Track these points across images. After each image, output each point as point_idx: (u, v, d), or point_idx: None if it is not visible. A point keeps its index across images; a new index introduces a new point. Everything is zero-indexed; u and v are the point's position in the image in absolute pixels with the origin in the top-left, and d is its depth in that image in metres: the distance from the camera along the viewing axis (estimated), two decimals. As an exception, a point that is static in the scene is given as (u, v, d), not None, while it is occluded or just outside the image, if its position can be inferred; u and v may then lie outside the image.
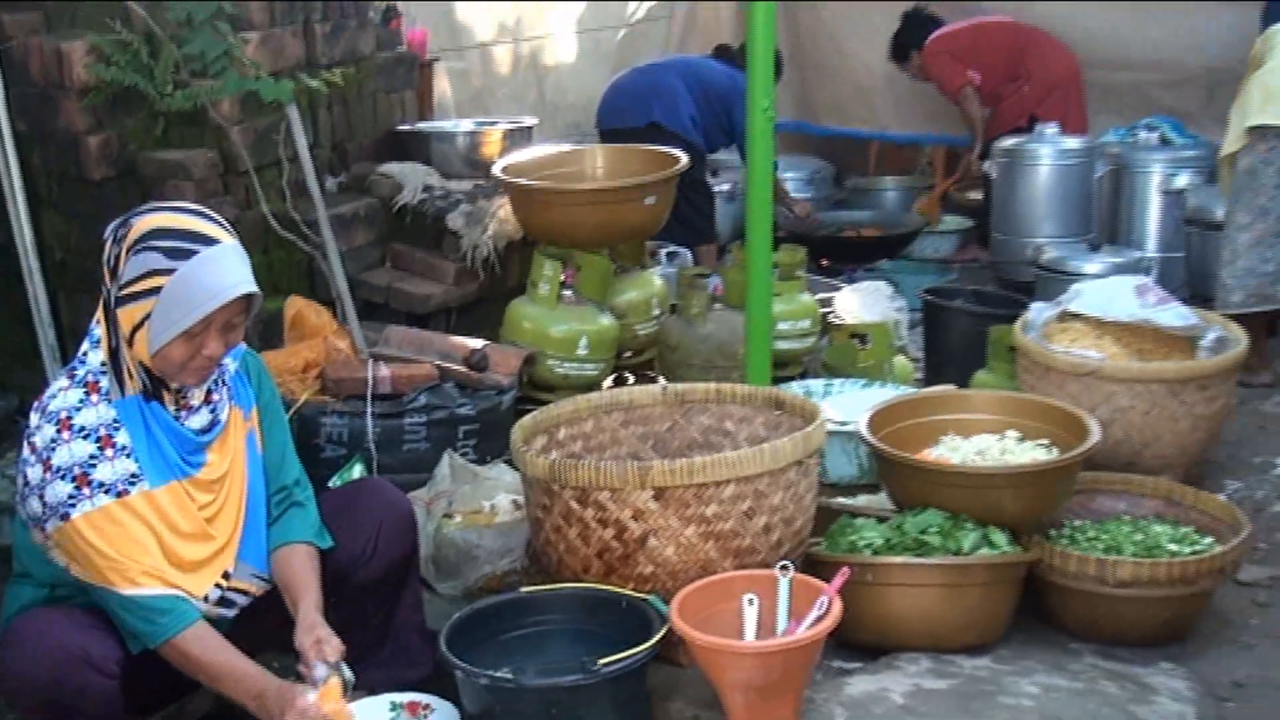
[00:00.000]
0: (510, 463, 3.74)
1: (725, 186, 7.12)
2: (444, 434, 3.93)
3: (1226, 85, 6.70)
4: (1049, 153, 6.39)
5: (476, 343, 4.18)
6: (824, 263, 6.80)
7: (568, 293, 4.40)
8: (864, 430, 3.70)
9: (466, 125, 5.23)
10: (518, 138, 5.08)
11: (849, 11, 7.77)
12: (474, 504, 3.76)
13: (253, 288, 2.65)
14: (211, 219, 2.68)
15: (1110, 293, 4.53)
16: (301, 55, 4.80)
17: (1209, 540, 3.65)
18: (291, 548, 2.91)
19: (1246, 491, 4.50)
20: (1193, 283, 6.02)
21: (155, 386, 2.68)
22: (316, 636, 2.72)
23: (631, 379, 4.72)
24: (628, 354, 4.71)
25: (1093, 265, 5.81)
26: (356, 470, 3.79)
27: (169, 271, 2.56)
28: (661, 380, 4.54)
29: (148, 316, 2.58)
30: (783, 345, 4.65)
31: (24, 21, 4.50)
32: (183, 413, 2.74)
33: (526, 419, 3.52)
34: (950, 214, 7.35)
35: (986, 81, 6.91)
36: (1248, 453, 4.80)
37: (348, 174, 4.95)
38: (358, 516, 3.05)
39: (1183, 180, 6.31)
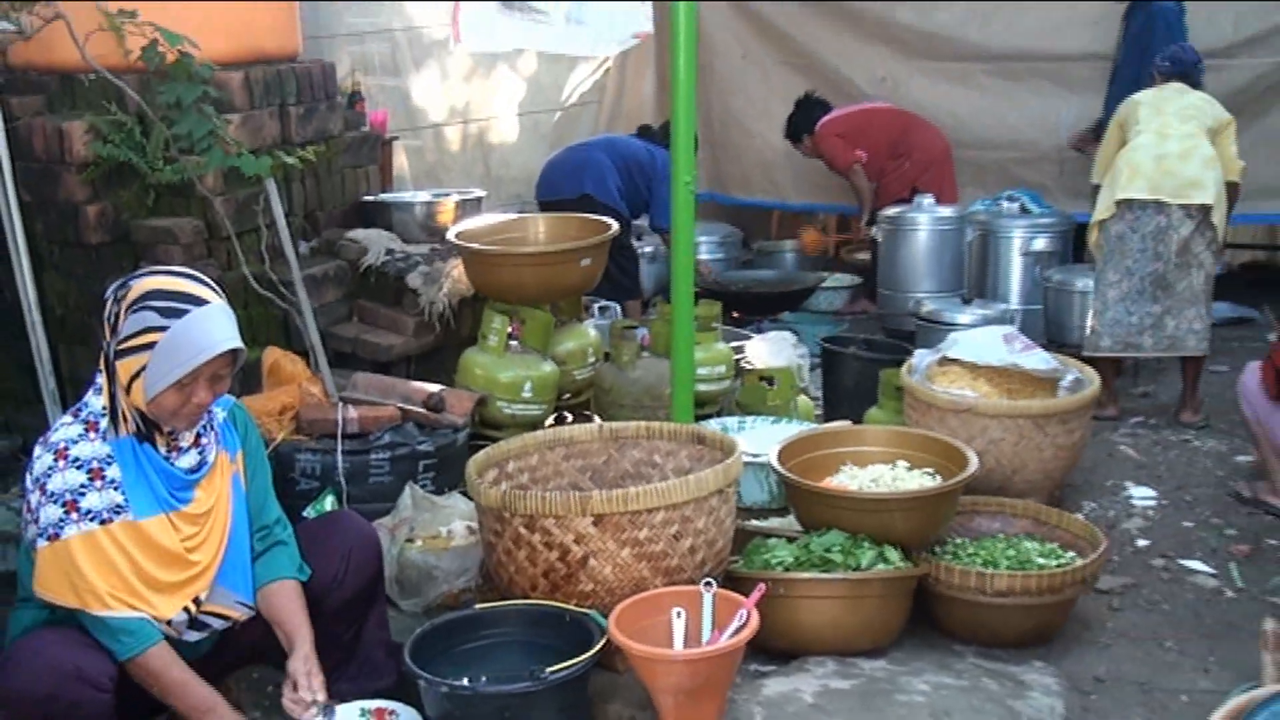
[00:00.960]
0: (465, 493, 3.70)
1: (649, 249, 7.14)
2: (406, 468, 3.87)
3: (1074, 162, 6.88)
4: (926, 220, 6.47)
5: (434, 387, 4.13)
6: (735, 315, 6.82)
7: (514, 343, 4.37)
8: (774, 462, 3.70)
9: (424, 196, 5.19)
10: (468, 207, 5.05)
11: (752, 98, 7.85)
12: (433, 530, 3.71)
13: (238, 344, 2.64)
14: (202, 281, 2.68)
15: (982, 341, 4.58)
16: (278, 134, 4.75)
17: (1071, 555, 3.68)
18: (280, 584, 2.89)
19: (1100, 511, 4.56)
20: (1049, 330, 6.10)
21: (149, 429, 2.66)
22: (309, 669, 2.75)
23: (570, 418, 4.69)
24: (567, 396, 4.69)
25: (965, 316, 5.87)
26: (328, 502, 3.72)
27: (163, 329, 2.55)
28: (597, 419, 4.51)
29: (143, 368, 2.56)
30: (702, 388, 4.64)
31: (29, 103, 4.44)
32: (173, 454, 2.71)
33: (480, 455, 3.48)
34: (841, 272, 7.41)
35: (872, 159, 7.00)
36: (1100, 476, 4.87)
37: (319, 239, 4.88)
38: (330, 547, 3.02)
39: (1040, 243, 6.42)
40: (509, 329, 4.33)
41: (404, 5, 7.78)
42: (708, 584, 3.04)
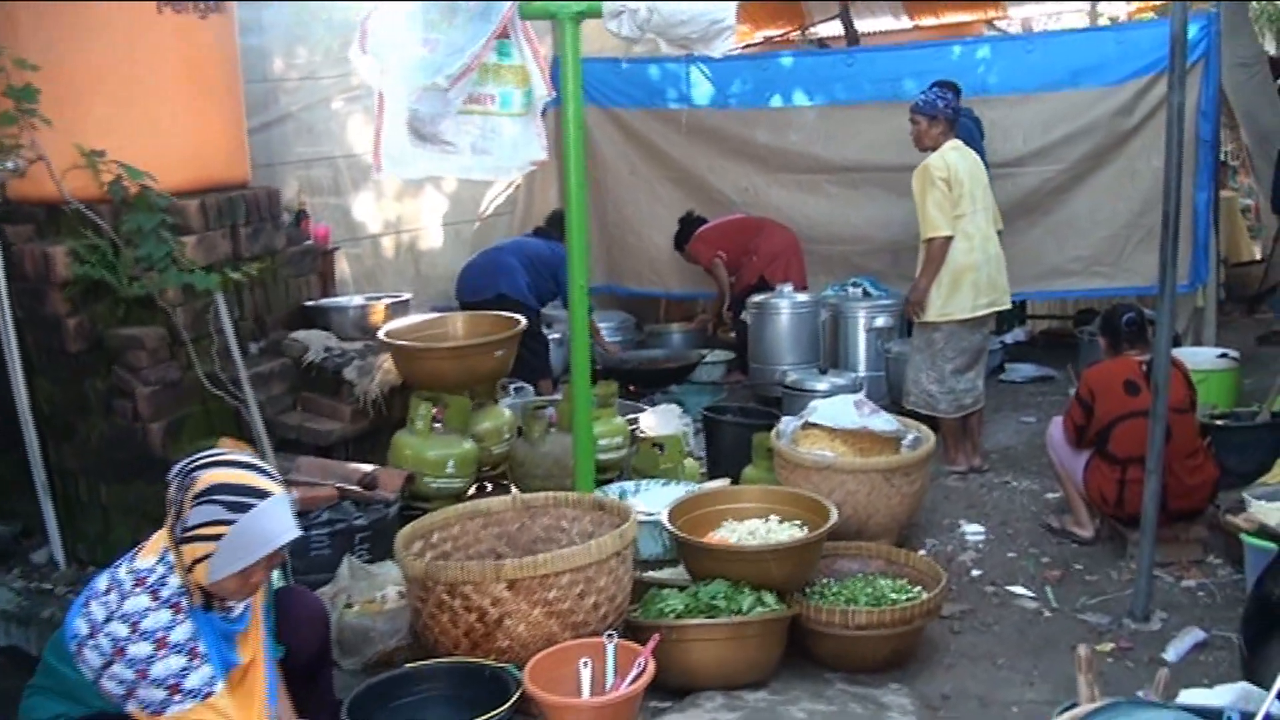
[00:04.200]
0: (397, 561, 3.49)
1: (556, 335, 6.99)
2: (343, 541, 3.66)
3: (906, 253, 6.91)
4: (786, 304, 6.45)
5: (368, 467, 3.93)
6: (632, 389, 6.72)
7: (438, 425, 4.20)
8: (665, 520, 3.57)
9: (358, 300, 4.99)
10: (396, 308, 4.86)
11: (640, 207, 7.81)
12: (369, 595, 3.50)
13: (297, 533, 2.46)
14: (263, 472, 2.48)
15: (837, 407, 4.53)
16: (229, 251, 4.55)
17: (918, 589, 3.61)
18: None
19: (940, 546, 4.51)
20: (892, 392, 6.10)
21: (207, 600, 2.45)
22: None
23: (490, 487, 4.52)
24: (487, 468, 4.51)
25: (822, 384, 5.85)
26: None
27: (230, 522, 2.35)
28: (514, 489, 4.35)
29: (209, 555, 2.36)
30: (602, 456, 4.51)
31: (22, 231, 4.27)
32: (227, 613, 2.52)
33: (407, 528, 3.30)
34: (719, 348, 7.35)
35: (731, 257, 7.00)
36: (939, 516, 4.83)
37: (267, 340, 4.66)
38: (285, 621, 2.82)
39: (880, 321, 6.44)
40: (433, 413, 4.16)
41: (344, 135, 7.66)
42: (610, 636, 2.90)
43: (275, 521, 2.40)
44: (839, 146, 7.17)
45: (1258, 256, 8.65)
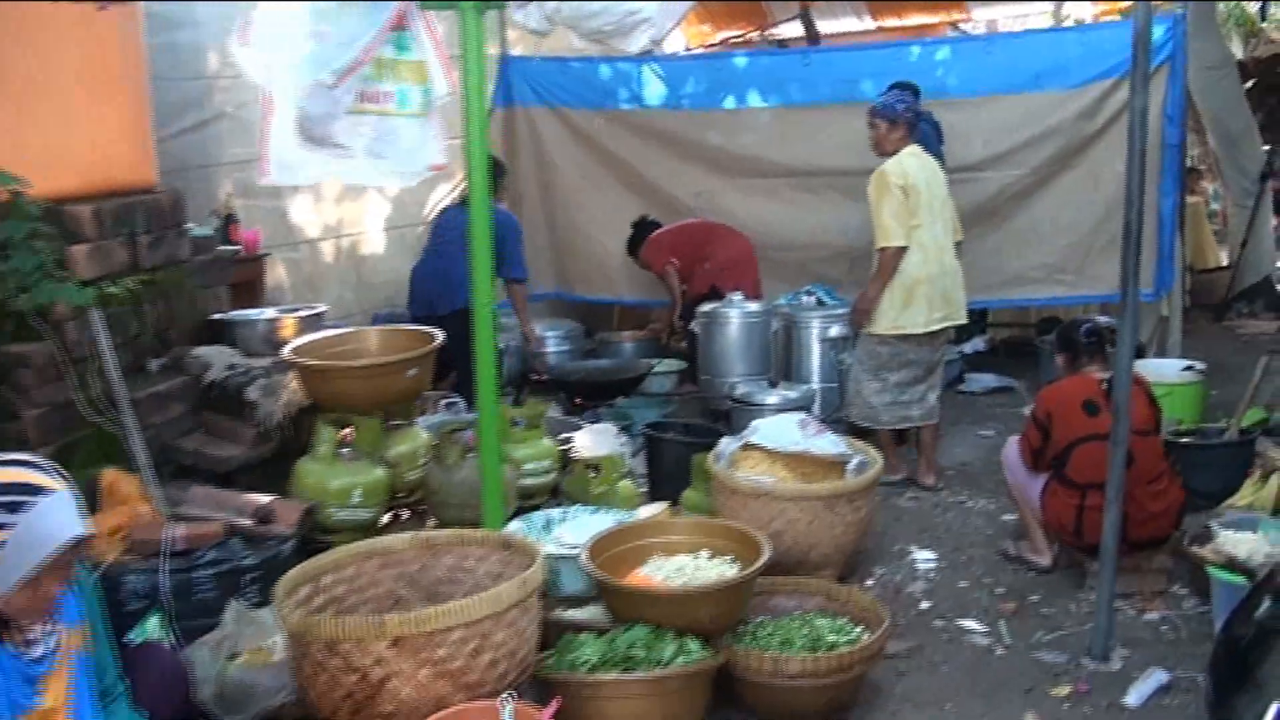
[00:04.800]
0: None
1: (501, 346, 6.59)
2: (230, 583, 3.30)
3: (862, 259, 6.65)
4: (737, 314, 6.15)
5: (265, 498, 3.57)
6: (577, 401, 6.39)
7: (345, 450, 3.85)
8: (584, 558, 3.25)
9: (269, 313, 4.62)
10: (309, 322, 4.50)
11: (592, 212, 7.47)
12: (256, 644, 3.15)
13: (81, 531, 2.14)
14: (39, 467, 2.17)
15: (779, 427, 4.24)
16: (127, 261, 4.19)
17: (860, 629, 3.32)
18: None
19: (889, 576, 4.21)
20: (846, 405, 5.80)
21: (4, 629, 2.16)
22: None
23: (406, 515, 4.17)
24: (403, 495, 4.15)
25: (772, 398, 5.57)
26: (152, 623, 3.14)
27: (7, 525, 2.06)
28: (433, 518, 4.00)
29: None
30: (529, 481, 4.20)
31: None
32: (25, 648, 2.22)
33: (292, 572, 2.96)
34: (670, 358, 7.04)
35: (684, 264, 6.70)
36: (889, 541, 4.54)
37: (169, 356, 4.30)
38: (141, 683, 2.55)
39: (834, 331, 6.14)
40: (340, 437, 3.81)
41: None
42: (507, 698, 2.57)
43: (57, 519, 2.11)
44: (795, 149, 6.88)
45: (1224, 263, 8.42)
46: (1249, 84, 8.01)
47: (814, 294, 6.36)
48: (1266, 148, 7.82)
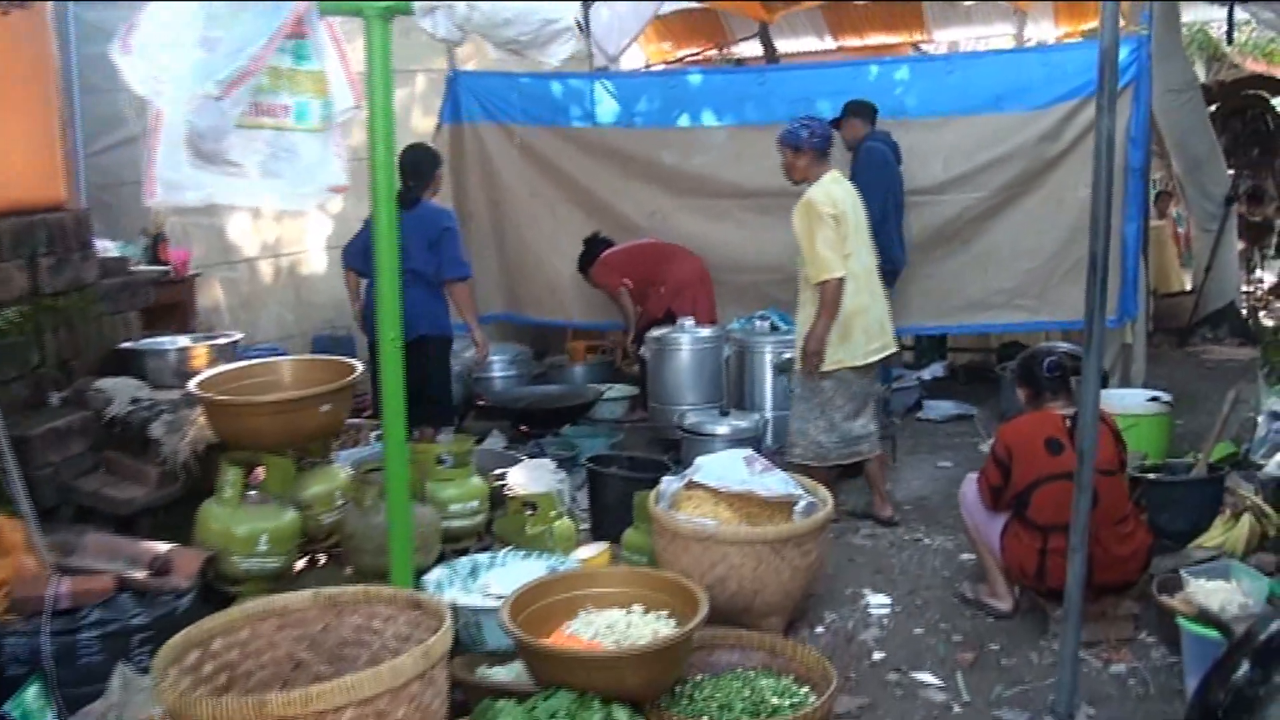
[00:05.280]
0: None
1: (456, 367, 6.22)
2: (118, 645, 2.97)
3: (817, 283, 6.43)
4: (687, 339, 5.90)
5: (164, 547, 3.25)
6: (523, 429, 6.11)
7: (253, 493, 3.53)
8: (504, 616, 2.95)
9: (182, 341, 4.29)
10: (225, 351, 4.18)
11: (542, 231, 7.21)
12: (145, 713, 2.83)
13: None
14: None
15: (725, 464, 3.98)
16: (26, 285, 3.87)
17: (805, 690, 3.04)
18: None
19: (840, 623, 3.95)
20: (788, 446, 5.56)
21: None
22: None
23: (324, 558, 3.86)
24: (321, 539, 3.83)
25: (722, 427, 5.33)
26: (30, 693, 2.82)
27: None
28: (350, 565, 3.69)
29: None
30: (456, 524, 3.89)
31: None
32: None
33: (177, 637, 2.62)
34: (621, 383, 6.77)
35: (637, 286, 6.44)
36: (842, 584, 4.27)
37: (71, 389, 3.96)
38: None
39: (788, 357, 5.87)
40: (247, 478, 3.50)
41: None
42: (404, 785, 2.27)
43: None
44: (749, 169, 6.64)
45: (1188, 287, 8.28)
46: (1213, 108, 7.87)
47: (767, 318, 6.11)
48: (1231, 172, 7.69)
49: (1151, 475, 4.50)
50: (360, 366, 3.79)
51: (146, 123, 2.66)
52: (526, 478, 4.26)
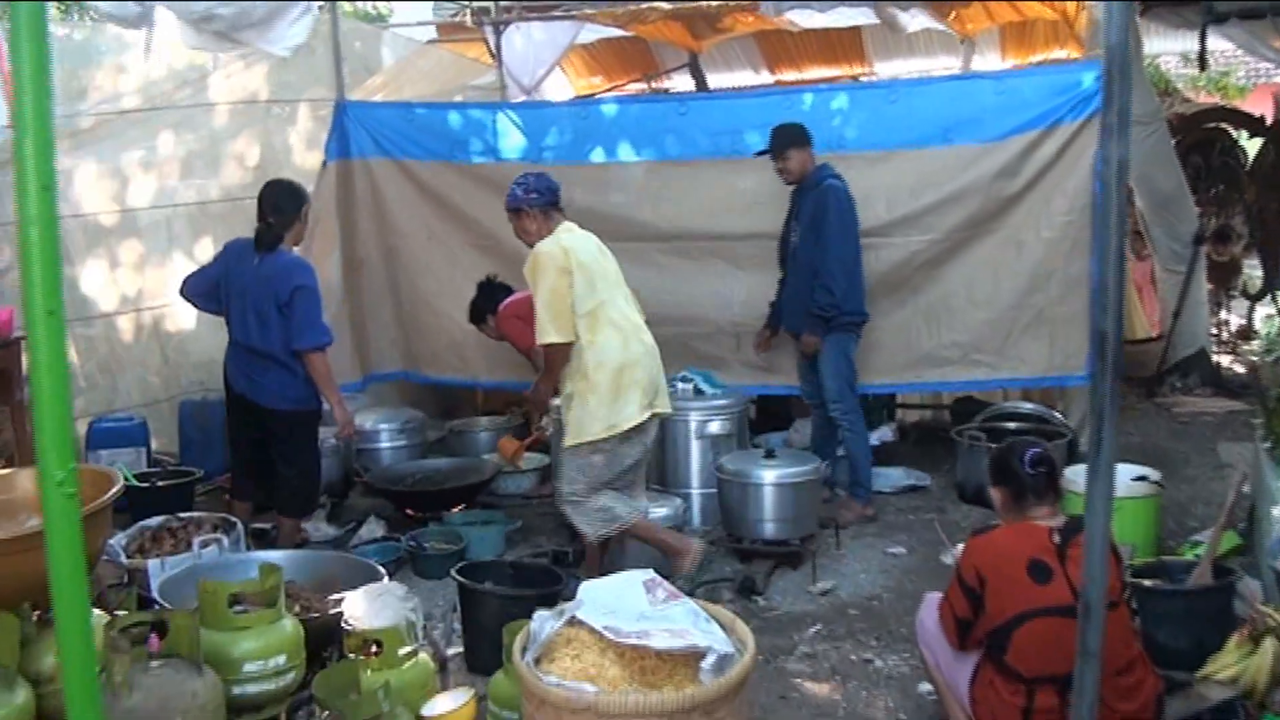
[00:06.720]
0: None
1: (332, 441, 5.21)
2: None
3: (749, 336, 5.55)
4: (597, 408, 4.90)
5: None
6: (409, 513, 5.10)
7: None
8: None
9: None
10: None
11: (440, 279, 6.22)
12: None
13: None
14: None
15: (618, 591, 3.00)
16: None
17: None
18: None
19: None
20: (726, 521, 4.64)
21: None
22: None
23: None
24: None
25: (634, 517, 4.33)
26: None
27: None
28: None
29: None
30: (253, 689, 2.86)
31: None
32: None
33: None
34: (534, 451, 5.77)
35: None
36: (773, 732, 3.29)
37: None
38: None
39: (716, 427, 5.00)
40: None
41: (68, 190, 5.94)
42: None
43: None
44: (670, 209, 5.76)
45: (1154, 333, 7.47)
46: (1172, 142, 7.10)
47: (690, 380, 5.19)
48: (1198, 210, 6.92)
49: (1148, 582, 3.59)
50: (119, 482, 2.76)
51: None
52: (367, 609, 3.23)
